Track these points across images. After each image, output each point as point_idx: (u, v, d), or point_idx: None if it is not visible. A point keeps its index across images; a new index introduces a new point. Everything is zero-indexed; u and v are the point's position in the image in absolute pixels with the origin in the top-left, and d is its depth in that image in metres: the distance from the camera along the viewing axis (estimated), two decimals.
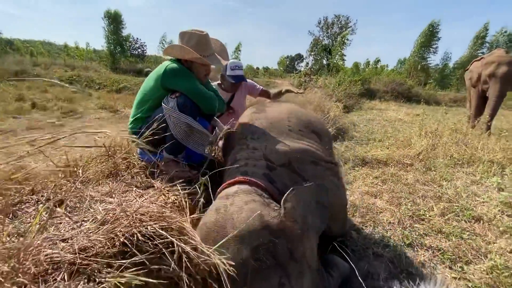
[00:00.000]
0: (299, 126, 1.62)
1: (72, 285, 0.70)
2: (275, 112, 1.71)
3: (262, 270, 0.92)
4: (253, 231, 0.96)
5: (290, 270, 0.97)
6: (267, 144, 1.42)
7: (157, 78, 1.56)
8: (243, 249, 0.93)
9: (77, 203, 1.07)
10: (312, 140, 1.61)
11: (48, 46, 41.45)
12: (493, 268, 1.65)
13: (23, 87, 11.82)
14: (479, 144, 4.29)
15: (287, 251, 0.98)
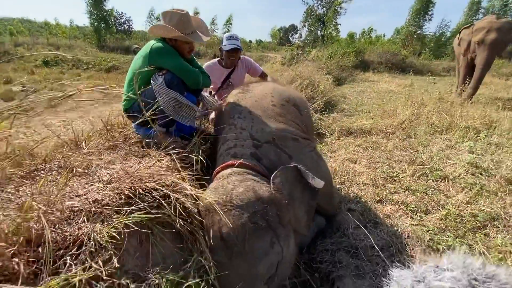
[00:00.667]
0: (281, 101, 1.78)
1: (90, 226, 0.91)
2: (260, 90, 1.87)
3: (257, 231, 1.13)
4: (249, 201, 1.16)
5: (279, 232, 1.18)
6: (253, 123, 1.58)
7: (144, 56, 1.69)
8: (242, 215, 1.13)
9: (85, 170, 1.26)
10: (292, 113, 1.80)
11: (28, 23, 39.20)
12: (447, 216, 1.93)
13: (8, 69, 11.52)
14: (459, 112, 4.51)
15: (276, 217, 1.19)
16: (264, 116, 1.64)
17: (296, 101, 1.90)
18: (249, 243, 1.11)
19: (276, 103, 1.74)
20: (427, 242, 1.68)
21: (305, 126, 1.86)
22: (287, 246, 1.22)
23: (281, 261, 1.18)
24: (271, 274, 1.15)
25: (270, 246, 1.14)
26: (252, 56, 22.09)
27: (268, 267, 1.14)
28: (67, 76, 10.13)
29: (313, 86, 5.59)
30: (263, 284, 1.14)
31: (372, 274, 1.49)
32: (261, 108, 1.69)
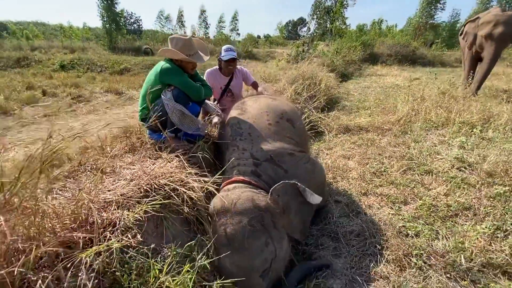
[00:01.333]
0: (275, 118, 2.01)
1: (120, 212, 1.24)
2: (256, 109, 2.08)
3: (254, 232, 1.37)
4: (248, 208, 1.41)
5: (273, 235, 1.44)
6: (252, 144, 1.82)
7: (155, 75, 2.01)
8: (242, 219, 1.38)
9: (111, 170, 1.60)
10: (286, 128, 2.02)
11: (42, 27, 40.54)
12: (422, 206, 2.17)
13: (28, 74, 12.23)
14: (459, 107, 4.60)
15: (271, 222, 1.45)
16: (262, 136, 1.87)
17: (289, 115, 2.11)
18: (247, 241, 1.36)
19: (271, 122, 1.97)
20: (399, 229, 1.94)
21: (299, 137, 2.06)
22: (281, 247, 1.47)
23: (274, 259, 1.43)
24: (265, 268, 1.39)
25: (265, 245, 1.40)
26: (260, 52, 22.27)
27: (262, 262, 1.38)
28: (83, 79, 10.69)
29: (315, 84, 5.79)
30: (259, 276, 1.38)
31: (347, 254, 1.78)
32: (259, 128, 1.92)
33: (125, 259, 1.11)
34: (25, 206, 0.93)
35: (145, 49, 19.24)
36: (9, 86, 8.61)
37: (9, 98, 6.97)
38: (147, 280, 1.09)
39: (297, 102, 4.55)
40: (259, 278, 1.39)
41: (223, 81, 3.12)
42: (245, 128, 1.92)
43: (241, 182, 1.61)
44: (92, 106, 7.15)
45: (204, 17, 24.20)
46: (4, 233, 0.81)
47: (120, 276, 1.06)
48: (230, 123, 2.05)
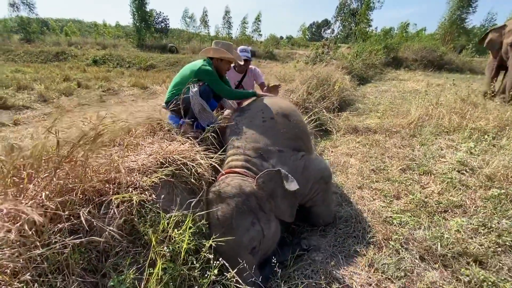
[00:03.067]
0: (270, 115, 2.13)
1: (138, 177, 1.54)
2: (254, 108, 2.27)
3: (241, 213, 1.56)
4: (235, 193, 1.60)
5: (259, 217, 1.62)
6: (246, 143, 1.99)
7: (192, 70, 2.35)
8: (231, 203, 1.58)
9: (135, 147, 1.92)
10: (281, 123, 2.11)
11: (78, 24, 43.26)
12: (411, 201, 2.31)
13: (65, 67, 13.31)
14: (476, 114, 4.56)
15: (257, 205, 1.63)
16: (255, 135, 2.03)
17: (284, 111, 2.23)
18: (235, 221, 1.55)
19: (266, 119, 2.12)
20: (385, 218, 2.10)
21: (295, 131, 2.14)
22: (268, 228, 1.65)
23: (262, 239, 1.61)
24: (254, 246, 1.57)
25: (251, 224, 1.58)
26: (280, 53, 22.45)
27: (250, 240, 1.56)
28: (113, 73, 11.48)
29: (329, 86, 5.93)
30: (248, 253, 1.56)
31: (333, 234, 1.98)
32: (254, 126, 2.08)
33: (142, 213, 1.41)
34: (78, 160, 1.26)
35: (171, 47, 20.10)
36: (49, 77, 9.50)
37: (48, 88, 7.73)
38: (157, 230, 1.38)
39: (308, 101, 4.74)
40: (249, 255, 1.56)
41: (237, 77, 3.43)
42: (241, 128, 2.13)
43: (233, 173, 1.80)
44: (119, 98, 7.74)
45: (228, 18, 24.77)
46: (60, 176, 1.13)
47: (138, 224, 1.36)
48: (230, 124, 2.29)
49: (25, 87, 7.53)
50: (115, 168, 1.45)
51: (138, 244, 1.31)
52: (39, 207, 1.02)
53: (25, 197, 1.06)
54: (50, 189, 1.11)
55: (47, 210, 1.03)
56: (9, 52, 16.55)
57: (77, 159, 1.26)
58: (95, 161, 1.41)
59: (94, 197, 1.25)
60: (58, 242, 1.00)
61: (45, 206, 1.04)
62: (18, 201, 0.99)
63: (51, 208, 1.03)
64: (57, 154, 1.24)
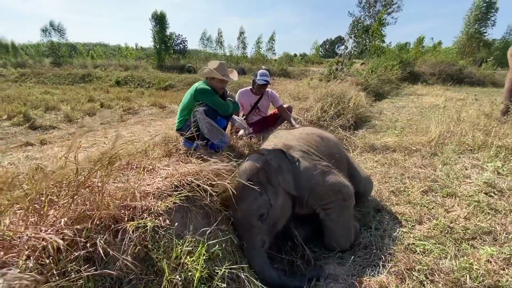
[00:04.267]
0: (307, 131, 2.52)
1: (153, 201, 1.56)
2: (293, 129, 2.68)
3: (252, 184, 1.78)
4: (247, 168, 1.91)
5: (267, 189, 1.86)
6: (278, 140, 2.35)
7: (191, 94, 2.43)
8: (242, 175, 1.85)
9: (151, 169, 1.96)
10: (314, 140, 2.39)
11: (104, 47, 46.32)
12: (435, 226, 2.17)
13: (90, 88, 14.13)
14: (501, 130, 4.32)
15: (265, 178, 1.89)
16: (289, 138, 2.36)
17: (321, 134, 2.56)
18: (245, 191, 1.78)
19: (302, 133, 2.49)
20: (407, 245, 1.98)
21: (325, 149, 2.37)
22: (275, 199, 1.87)
23: (270, 208, 1.82)
24: (262, 213, 1.78)
25: (259, 194, 1.81)
26: (294, 70, 22.78)
27: (257, 207, 1.78)
28: (134, 94, 12.04)
29: (343, 102, 5.89)
30: (257, 219, 1.77)
31: (351, 263, 1.88)
32: (290, 135, 2.44)
33: (155, 238, 1.41)
34: (95, 185, 1.30)
35: (189, 67, 20.92)
36: (75, 98, 10.10)
37: (74, 108, 8.20)
38: (171, 257, 1.37)
39: (322, 119, 4.71)
40: (258, 221, 1.77)
41: (253, 99, 3.50)
42: (278, 133, 2.55)
43: (256, 153, 2.12)
44: (139, 117, 8.06)
45: (242, 38, 25.62)
46: (78, 202, 1.17)
47: (151, 250, 1.36)
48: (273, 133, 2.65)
49: (53, 108, 8.03)
50: (131, 193, 1.48)
51: (151, 272, 1.30)
52: (58, 234, 1.05)
53: (45, 223, 1.10)
54: (68, 216, 1.15)
55: (64, 238, 1.06)
56: (40, 75, 17.87)
57: (94, 185, 1.31)
58: (112, 185, 1.45)
59: (110, 224, 1.27)
60: (74, 271, 1.02)
61: (63, 234, 1.07)
62: (38, 228, 1.03)
63: (68, 235, 1.06)
64: (75, 179, 1.28)
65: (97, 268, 1.09)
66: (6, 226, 1.06)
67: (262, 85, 3.35)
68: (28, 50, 28.68)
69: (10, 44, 26.38)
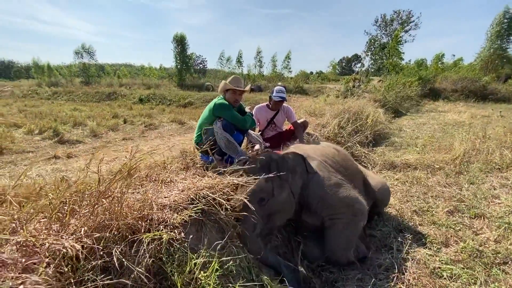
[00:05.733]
0: (327, 144, 2.71)
1: (169, 213, 1.58)
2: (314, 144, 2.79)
3: (261, 169, 1.93)
4: (266, 156, 2.05)
5: (274, 179, 1.91)
6: (298, 148, 2.44)
7: (210, 109, 2.51)
8: (259, 161, 2.00)
9: (169, 182, 2.00)
10: (333, 152, 2.50)
11: (129, 67, 49.22)
12: (463, 249, 2.02)
13: (115, 105, 14.92)
14: None
15: (276, 170, 1.93)
16: (309, 148, 2.49)
17: (336, 146, 2.71)
18: (258, 175, 1.90)
19: (319, 146, 2.63)
20: (433, 269, 1.84)
21: (341, 161, 2.42)
22: (279, 192, 1.92)
23: (271, 197, 1.88)
24: (262, 197, 1.85)
25: (265, 181, 1.89)
26: (310, 87, 22.94)
27: (260, 190, 1.85)
28: (155, 110, 12.55)
29: (361, 119, 5.80)
30: (256, 202, 1.80)
31: (372, 286, 1.77)
32: (309, 146, 2.59)
33: (170, 251, 1.42)
34: (115, 195, 1.35)
35: (207, 85, 21.67)
36: (100, 114, 10.67)
37: (99, 124, 8.64)
38: (184, 271, 1.37)
39: (339, 135, 4.64)
40: (256, 203, 1.80)
41: (269, 114, 3.55)
42: (298, 146, 2.64)
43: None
44: (159, 133, 8.34)
45: (259, 57, 26.37)
46: (98, 212, 1.21)
47: (166, 263, 1.36)
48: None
49: (80, 124, 8.52)
50: (148, 205, 1.51)
51: (165, 285, 1.30)
52: (77, 242, 1.08)
53: (66, 232, 1.15)
54: (88, 225, 1.19)
55: (83, 246, 1.09)
56: (70, 93, 19.18)
57: (114, 195, 1.35)
58: (130, 196, 1.49)
59: (127, 234, 1.30)
60: (90, 280, 1.04)
61: (83, 242, 1.10)
62: (59, 236, 1.07)
63: (88, 244, 1.09)
64: (97, 190, 1.34)
65: (112, 278, 1.10)
66: (29, 233, 1.12)
67: (277, 102, 3.40)
68: (62, 71, 31.05)
69: (46, 66, 28.71)
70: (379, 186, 2.56)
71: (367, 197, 2.45)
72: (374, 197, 2.49)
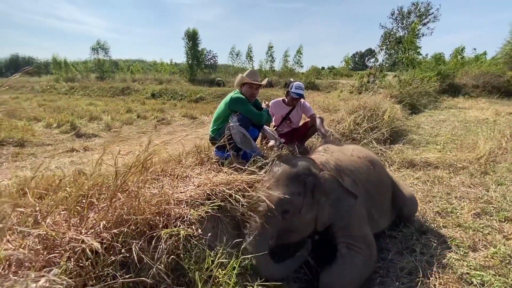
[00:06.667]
0: (358, 154, 2.34)
1: (186, 210, 1.55)
2: (344, 146, 2.54)
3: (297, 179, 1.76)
4: (305, 165, 1.86)
5: (307, 196, 1.73)
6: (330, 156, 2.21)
7: (226, 103, 2.45)
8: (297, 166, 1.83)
9: (184, 177, 1.97)
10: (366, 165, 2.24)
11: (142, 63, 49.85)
12: (494, 255, 1.89)
13: (128, 100, 15.16)
14: None
15: (311, 187, 1.76)
16: (341, 157, 2.20)
17: (371, 158, 2.38)
18: (290, 181, 1.75)
19: (354, 155, 2.32)
20: (460, 275, 1.74)
21: (374, 178, 2.20)
22: (306, 210, 1.72)
23: (297, 213, 1.69)
24: (286, 209, 1.66)
25: (298, 193, 1.72)
26: (322, 83, 22.56)
27: (289, 201, 1.66)
28: (167, 105, 12.67)
29: (377, 116, 5.61)
30: (279, 211, 1.64)
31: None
32: (341, 154, 2.28)
33: (187, 247, 1.39)
34: (131, 190, 1.32)
35: (218, 80, 21.66)
36: (115, 109, 10.87)
37: (114, 118, 8.79)
38: (202, 268, 1.33)
39: (355, 132, 4.50)
40: (279, 213, 1.64)
41: (285, 110, 3.46)
42: (329, 148, 2.37)
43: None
44: (171, 128, 8.41)
45: (271, 52, 26.05)
46: (116, 206, 1.19)
47: (183, 259, 1.33)
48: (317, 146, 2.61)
49: (95, 118, 8.69)
50: (165, 200, 1.48)
51: (183, 282, 1.27)
52: (97, 237, 1.06)
53: (85, 226, 1.13)
54: (107, 219, 1.16)
55: (103, 241, 1.07)
56: (86, 88, 19.64)
57: (130, 189, 1.33)
58: (147, 191, 1.47)
59: (145, 229, 1.27)
60: (110, 276, 1.02)
61: (102, 237, 1.08)
62: (79, 230, 1.05)
63: (107, 239, 1.07)
64: (114, 183, 1.32)
65: (132, 275, 1.08)
66: (50, 227, 1.10)
67: (295, 99, 3.31)
68: (78, 67, 31.81)
69: (63, 61, 29.47)
70: (408, 201, 2.36)
71: (393, 209, 2.33)
72: (400, 213, 2.35)
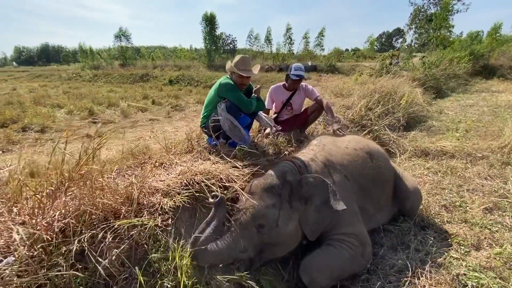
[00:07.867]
0: (355, 145, 2.12)
1: (161, 199, 1.53)
2: (343, 138, 2.32)
3: (270, 191, 1.65)
4: (278, 175, 1.73)
5: (283, 207, 1.62)
6: (321, 150, 2.03)
7: (215, 89, 2.35)
8: (269, 178, 1.71)
9: (169, 165, 1.96)
10: (362, 158, 2.04)
11: (163, 49, 50.43)
12: (498, 255, 1.72)
13: (147, 87, 15.51)
14: None
15: (287, 196, 1.65)
16: (333, 151, 2.02)
17: (370, 149, 2.16)
18: (262, 193, 1.64)
19: (349, 147, 2.10)
20: (455, 276, 1.59)
21: (371, 172, 2.02)
22: (284, 222, 1.59)
23: (274, 227, 1.56)
24: (261, 223, 1.55)
25: (272, 205, 1.60)
26: (344, 66, 21.57)
27: (261, 215, 1.56)
28: (183, 92, 12.81)
29: (393, 100, 5.25)
30: (253, 226, 1.55)
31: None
32: (334, 146, 2.08)
33: (157, 237, 1.38)
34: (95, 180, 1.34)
35: None
36: (132, 96, 11.17)
37: (130, 105, 9.05)
38: (168, 258, 1.32)
39: (366, 118, 4.24)
40: (254, 228, 1.56)
41: (285, 95, 3.29)
42: (322, 141, 2.16)
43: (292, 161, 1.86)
44: (184, 114, 8.50)
45: (289, 34, 25.12)
46: (76, 197, 1.20)
47: (150, 250, 1.33)
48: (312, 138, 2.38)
49: (113, 104, 8.99)
50: (138, 189, 1.47)
51: (148, 272, 1.26)
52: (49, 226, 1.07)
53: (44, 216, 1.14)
54: (66, 209, 1.17)
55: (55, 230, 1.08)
56: (108, 75, 20.34)
57: (86, 179, 1.32)
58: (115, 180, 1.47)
59: (109, 218, 1.27)
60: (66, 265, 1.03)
61: (58, 226, 1.09)
62: (35, 219, 1.07)
63: (61, 228, 1.08)
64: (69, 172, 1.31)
65: (88, 264, 1.09)
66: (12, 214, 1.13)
67: (295, 81, 3.12)
68: (103, 54, 32.88)
69: (89, 50, 30.54)
70: (411, 194, 2.17)
71: (394, 202, 2.18)
72: (402, 206, 2.19)
